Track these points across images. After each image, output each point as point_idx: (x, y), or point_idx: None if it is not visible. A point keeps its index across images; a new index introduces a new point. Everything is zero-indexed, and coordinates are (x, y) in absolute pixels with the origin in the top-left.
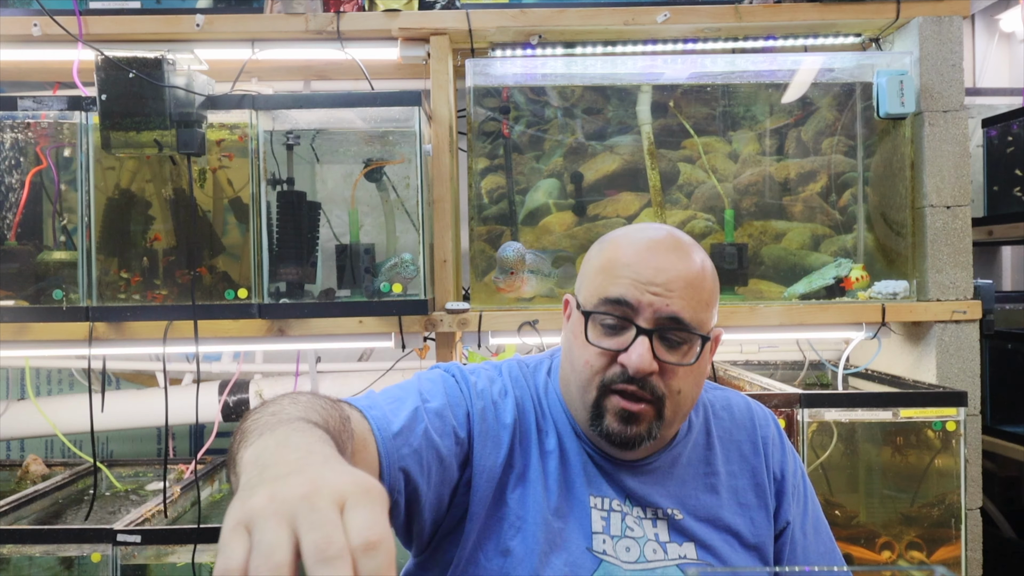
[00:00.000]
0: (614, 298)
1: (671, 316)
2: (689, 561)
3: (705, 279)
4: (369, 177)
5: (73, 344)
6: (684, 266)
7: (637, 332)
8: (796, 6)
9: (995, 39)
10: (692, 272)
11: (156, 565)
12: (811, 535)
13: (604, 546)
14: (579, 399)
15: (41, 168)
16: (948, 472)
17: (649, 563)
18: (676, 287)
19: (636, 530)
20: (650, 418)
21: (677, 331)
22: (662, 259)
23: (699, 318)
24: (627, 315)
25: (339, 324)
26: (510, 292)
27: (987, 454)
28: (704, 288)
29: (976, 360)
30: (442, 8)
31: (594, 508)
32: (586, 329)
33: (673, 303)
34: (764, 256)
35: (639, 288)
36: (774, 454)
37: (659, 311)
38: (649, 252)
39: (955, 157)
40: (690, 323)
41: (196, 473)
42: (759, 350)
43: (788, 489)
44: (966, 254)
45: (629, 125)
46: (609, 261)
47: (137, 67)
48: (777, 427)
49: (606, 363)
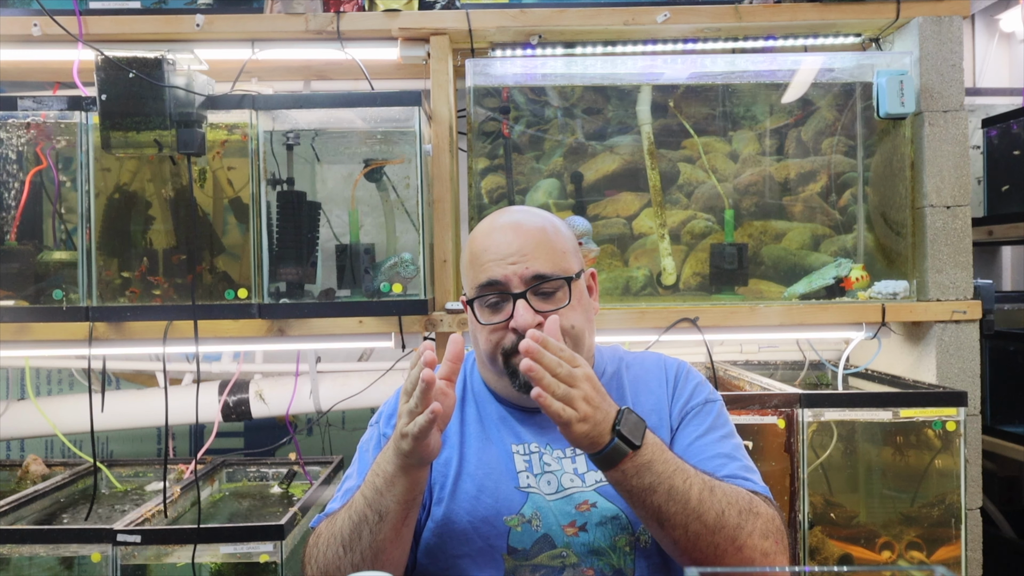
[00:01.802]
0: (485, 281)
1: (534, 275)
2: (605, 483)
3: (554, 232)
4: (369, 177)
5: (73, 344)
6: (529, 231)
7: (513, 299)
8: (796, 6)
9: (995, 39)
10: (538, 233)
11: (156, 565)
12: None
13: (528, 481)
14: (492, 372)
15: (41, 168)
16: (948, 472)
17: (567, 490)
18: (528, 249)
19: (553, 465)
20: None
21: (545, 283)
22: (509, 234)
23: (560, 266)
24: (501, 290)
25: (339, 324)
26: None
27: (987, 454)
28: (556, 240)
29: (976, 360)
30: (442, 8)
31: (516, 454)
32: (475, 314)
33: (531, 264)
34: (764, 256)
35: (500, 265)
36: (682, 390)
37: (523, 274)
38: (497, 233)
39: (955, 157)
40: (552, 273)
41: (196, 473)
42: (759, 350)
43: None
44: (966, 254)
45: (629, 125)
46: (472, 254)
47: (137, 67)
48: (684, 371)
49: (500, 335)
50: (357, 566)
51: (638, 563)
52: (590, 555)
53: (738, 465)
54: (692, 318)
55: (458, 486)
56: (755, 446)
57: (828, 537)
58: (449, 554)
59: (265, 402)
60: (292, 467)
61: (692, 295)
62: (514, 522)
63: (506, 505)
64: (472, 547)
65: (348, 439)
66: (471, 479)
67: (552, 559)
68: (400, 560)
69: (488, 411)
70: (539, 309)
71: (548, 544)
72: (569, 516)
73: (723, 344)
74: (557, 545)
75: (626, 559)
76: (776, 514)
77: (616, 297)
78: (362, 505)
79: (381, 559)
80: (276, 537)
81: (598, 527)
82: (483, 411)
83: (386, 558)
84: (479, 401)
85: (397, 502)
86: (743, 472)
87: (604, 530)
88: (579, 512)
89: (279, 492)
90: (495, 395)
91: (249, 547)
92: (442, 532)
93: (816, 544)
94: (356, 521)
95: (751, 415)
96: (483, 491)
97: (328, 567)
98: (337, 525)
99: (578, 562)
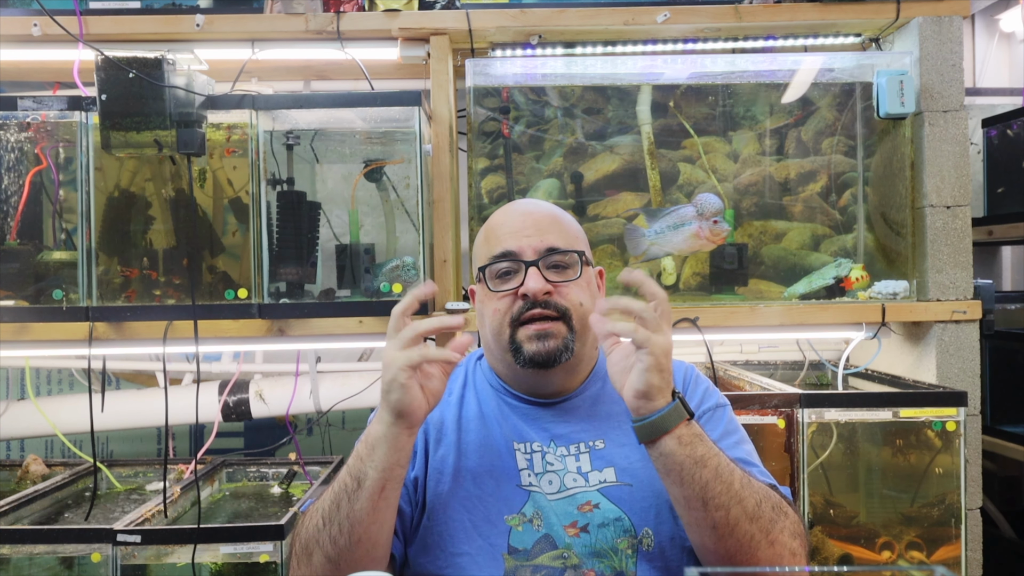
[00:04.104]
0: (499, 252)
1: (548, 247)
2: (609, 484)
3: (566, 219)
4: (369, 177)
5: (73, 344)
6: (545, 211)
7: (526, 267)
8: (796, 6)
9: (995, 39)
10: (554, 214)
11: (156, 565)
12: (720, 446)
13: (530, 479)
14: (497, 347)
15: (41, 168)
16: (948, 472)
17: (569, 490)
18: (544, 225)
19: (556, 464)
20: (562, 333)
21: (557, 255)
22: (527, 213)
23: (571, 243)
24: (514, 258)
25: (339, 324)
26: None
27: (987, 454)
28: (569, 224)
29: (976, 360)
30: (442, 8)
31: (518, 451)
32: (486, 283)
33: (546, 237)
34: (764, 256)
35: (515, 237)
36: (691, 396)
37: (537, 246)
38: (515, 211)
39: (955, 157)
40: (565, 247)
41: (196, 473)
42: (759, 350)
43: (701, 418)
44: (966, 254)
45: (629, 125)
46: (488, 230)
47: (137, 67)
48: (693, 376)
49: (510, 303)
50: (335, 539)
51: (640, 566)
52: (591, 557)
53: (757, 470)
54: (692, 318)
55: (457, 483)
56: (755, 446)
57: (828, 537)
58: (448, 552)
59: (265, 402)
60: (292, 467)
61: (692, 295)
62: (515, 521)
63: (507, 504)
64: (472, 546)
65: (348, 439)
66: (471, 476)
67: (553, 560)
68: (377, 540)
69: (490, 407)
70: (550, 279)
71: (549, 544)
72: (571, 516)
73: (723, 344)
74: (558, 546)
75: (628, 562)
76: (799, 518)
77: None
78: (343, 474)
79: (357, 532)
80: (276, 537)
81: (600, 528)
82: (484, 407)
83: (362, 531)
84: (480, 397)
85: (376, 468)
86: (763, 477)
87: (606, 532)
88: (581, 513)
89: (279, 492)
90: (497, 389)
91: (249, 547)
92: (441, 530)
93: (816, 544)
94: (336, 491)
95: (751, 415)
96: (483, 489)
97: (308, 541)
98: (320, 501)
99: (579, 563)
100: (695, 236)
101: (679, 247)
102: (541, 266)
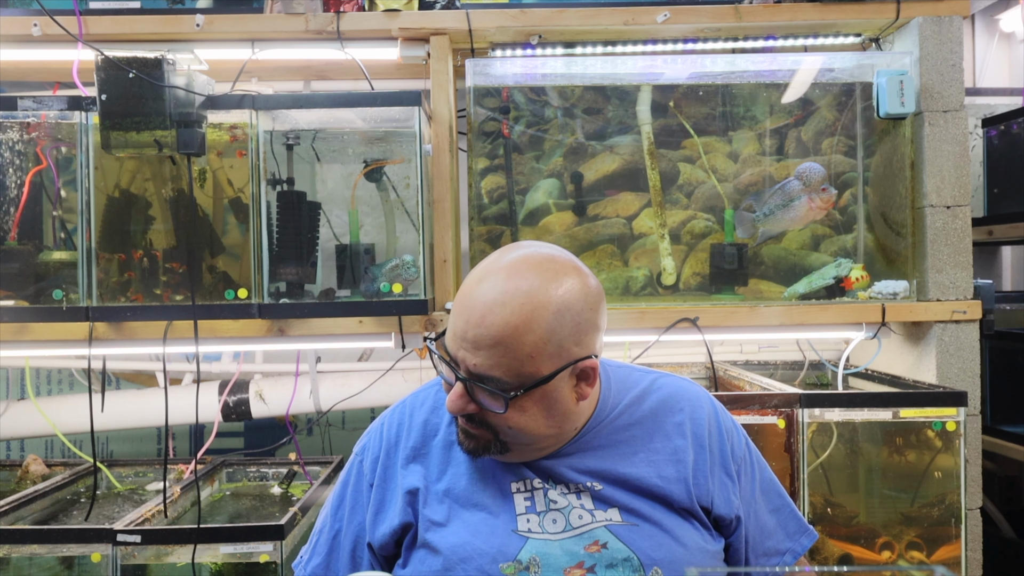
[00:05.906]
0: (447, 348)
1: (476, 373)
2: (615, 523)
3: (528, 332)
4: (369, 177)
5: (73, 344)
6: (499, 322)
7: (456, 378)
8: (796, 6)
9: (995, 39)
10: (507, 329)
11: (156, 565)
12: (760, 500)
13: (529, 524)
14: None
15: (41, 168)
16: (948, 472)
17: (576, 529)
18: (484, 345)
19: (560, 501)
20: (487, 440)
21: (484, 384)
22: (480, 314)
23: (515, 371)
24: (452, 363)
25: (339, 324)
26: None
27: (987, 454)
28: (522, 343)
29: (976, 360)
30: (442, 8)
31: (516, 492)
32: (435, 363)
33: (479, 362)
34: (764, 256)
35: (455, 342)
36: (722, 445)
37: (467, 367)
38: (473, 303)
39: (955, 157)
40: (500, 378)
41: (196, 473)
42: (759, 350)
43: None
44: (966, 254)
45: (629, 125)
46: (456, 302)
47: (137, 67)
48: (714, 422)
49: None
50: None
51: None
52: None
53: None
54: (692, 318)
55: (449, 529)
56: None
57: (828, 537)
58: None
59: (265, 402)
60: (292, 467)
61: (692, 295)
62: (510, 570)
63: (502, 551)
64: None
65: (348, 439)
66: (462, 523)
67: None
68: None
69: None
70: (477, 399)
71: None
72: (576, 557)
73: (723, 344)
74: None
75: None
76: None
77: (616, 297)
78: None
79: None
80: (276, 537)
81: (608, 569)
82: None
83: None
84: None
85: None
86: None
87: (615, 573)
88: (588, 553)
89: (279, 492)
90: None
91: (249, 547)
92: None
93: (816, 544)
94: None
95: (751, 415)
96: (476, 535)
97: None
98: None
99: None
100: (807, 208)
101: (793, 223)
102: (470, 385)
